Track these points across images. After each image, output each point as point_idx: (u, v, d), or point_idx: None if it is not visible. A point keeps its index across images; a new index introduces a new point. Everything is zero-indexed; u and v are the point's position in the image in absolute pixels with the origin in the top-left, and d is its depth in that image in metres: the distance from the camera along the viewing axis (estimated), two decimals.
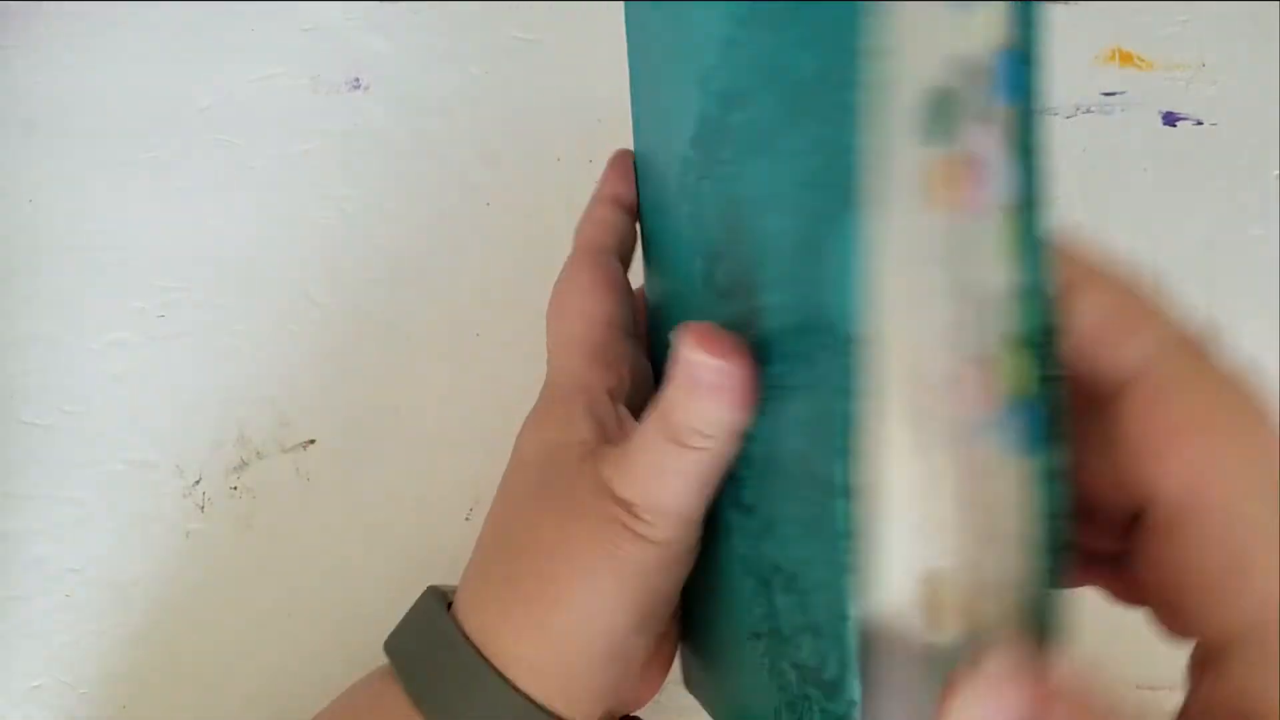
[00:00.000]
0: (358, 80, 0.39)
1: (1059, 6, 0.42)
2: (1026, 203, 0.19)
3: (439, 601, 0.27)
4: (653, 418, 0.23)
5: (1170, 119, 0.41)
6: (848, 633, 0.19)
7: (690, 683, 0.31)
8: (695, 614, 0.28)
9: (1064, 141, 0.40)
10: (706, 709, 0.29)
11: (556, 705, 0.25)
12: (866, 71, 0.18)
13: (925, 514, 0.19)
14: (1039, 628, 0.19)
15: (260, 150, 0.40)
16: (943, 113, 0.19)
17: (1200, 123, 0.41)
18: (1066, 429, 0.19)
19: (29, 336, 0.38)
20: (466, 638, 0.25)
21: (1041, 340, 0.19)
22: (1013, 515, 0.19)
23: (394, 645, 0.27)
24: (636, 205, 0.30)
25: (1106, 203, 0.39)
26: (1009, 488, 0.19)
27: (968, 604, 0.19)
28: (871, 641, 0.19)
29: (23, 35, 0.41)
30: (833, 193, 0.19)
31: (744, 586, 0.24)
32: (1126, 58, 0.41)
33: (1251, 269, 0.39)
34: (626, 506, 0.24)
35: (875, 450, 0.18)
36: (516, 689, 0.24)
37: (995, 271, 0.19)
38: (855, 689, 0.19)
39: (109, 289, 0.38)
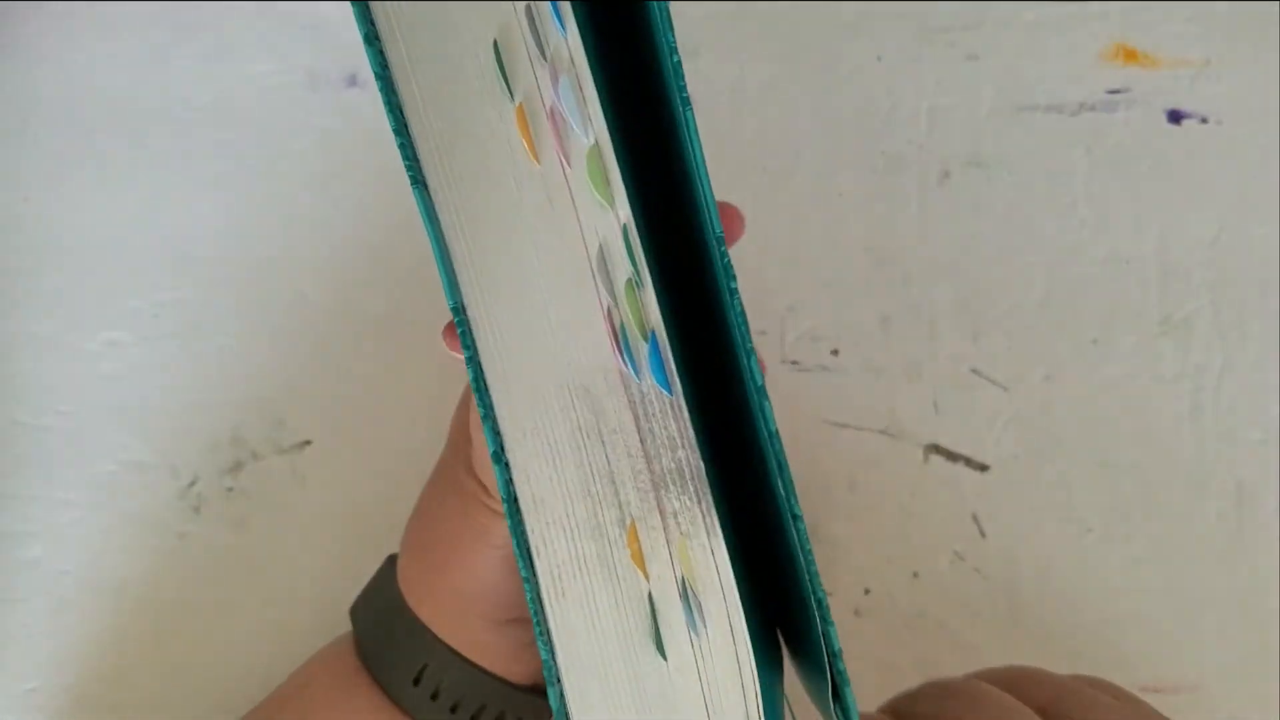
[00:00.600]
0: (354, 77, 0.39)
1: (1064, 5, 0.41)
2: (608, 139, 0.18)
3: (391, 566, 0.29)
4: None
5: (1174, 116, 0.40)
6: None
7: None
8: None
9: (1068, 139, 0.40)
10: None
11: (475, 657, 0.26)
12: (374, 58, 0.18)
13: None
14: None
15: (256, 148, 0.39)
16: (504, 64, 0.19)
17: (1205, 120, 0.40)
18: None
19: (23, 336, 0.37)
20: (403, 598, 0.27)
21: (641, 277, 0.19)
22: (673, 448, 0.19)
23: (353, 606, 0.30)
24: None
25: (1110, 201, 0.39)
26: (668, 423, 0.19)
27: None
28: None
29: (20, 34, 0.41)
30: (410, 177, 0.19)
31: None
32: (1131, 55, 0.41)
33: (1256, 267, 0.39)
34: (482, 487, 0.25)
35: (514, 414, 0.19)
36: (440, 640, 0.26)
37: (598, 214, 0.19)
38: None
39: (104, 288, 0.38)
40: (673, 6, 0.40)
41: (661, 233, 0.20)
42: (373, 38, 0.18)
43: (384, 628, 0.27)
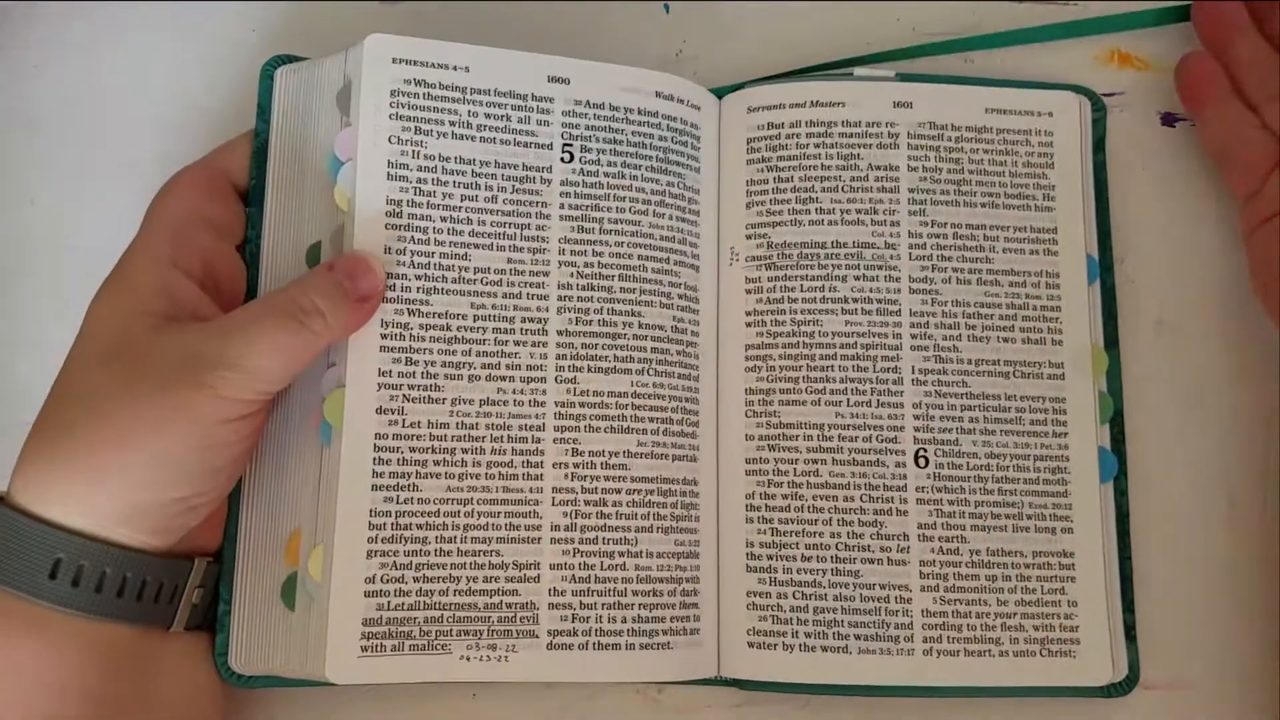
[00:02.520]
0: None
1: (1059, 7, 0.42)
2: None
3: None
4: (277, 299, 0.31)
5: (1169, 119, 0.41)
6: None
7: None
8: None
9: None
10: None
11: (114, 535, 0.29)
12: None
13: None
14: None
15: None
16: (315, 256, 0.34)
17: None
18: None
19: (30, 338, 0.38)
20: (19, 509, 0.28)
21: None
22: (333, 488, 0.32)
23: None
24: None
25: (1105, 203, 0.39)
26: (329, 472, 0.32)
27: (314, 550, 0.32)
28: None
29: (23, 35, 0.41)
30: None
31: None
32: (1125, 58, 0.41)
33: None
34: (209, 367, 0.29)
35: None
36: (73, 530, 0.28)
37: (337, 347, 0.33)
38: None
39: None
40: None
41: None
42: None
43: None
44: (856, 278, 0.36)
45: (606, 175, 0.35)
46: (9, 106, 0.40)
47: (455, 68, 0.35)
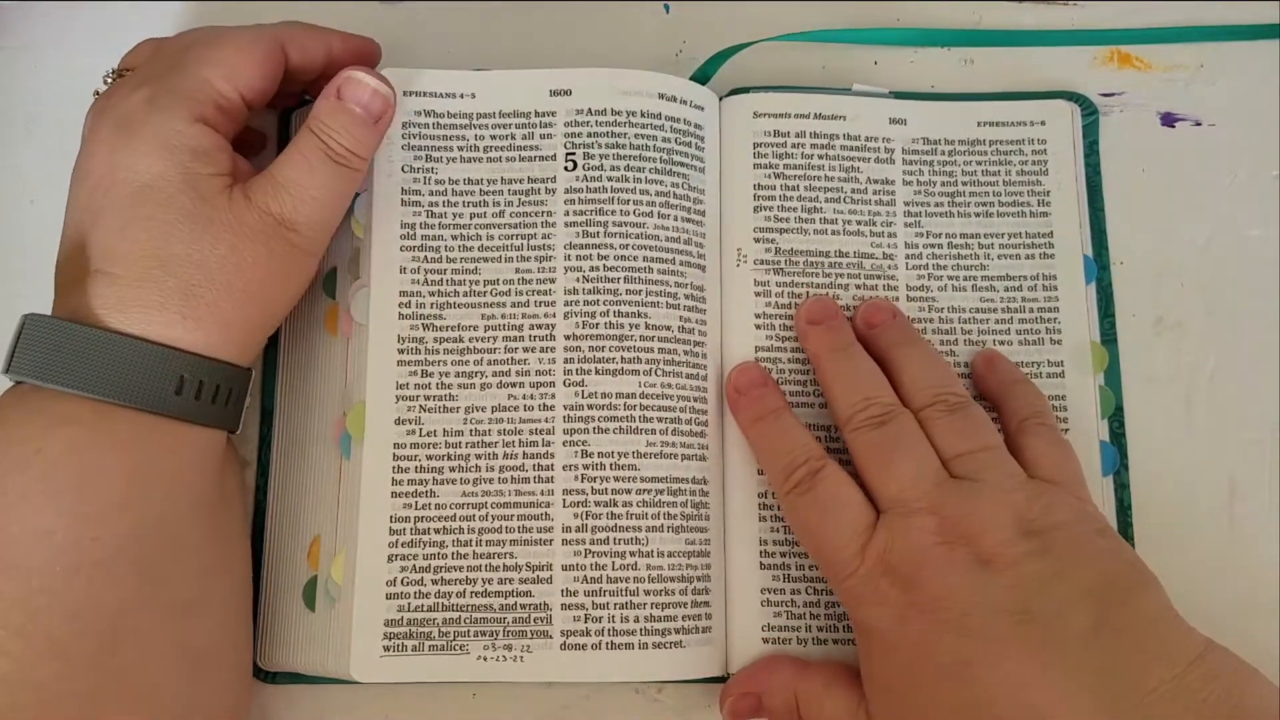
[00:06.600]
0: None
1: (1059, 7, 0.42)
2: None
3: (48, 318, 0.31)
4: (314, 152, 0.32)
5: (1169, 120, 0.41)
6: None
7: None
8: None
9: None
10: None
11: (217, 354, 0.31)
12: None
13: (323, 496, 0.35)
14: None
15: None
16: (331, 282, 0.36)
17: (1199, 123, 0.41)
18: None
19: None
20: (138, 339, 0.30)
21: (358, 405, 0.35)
22: (354, 496, 0.34)
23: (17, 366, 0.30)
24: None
25: (1105, 203, 0.39)
26: (350, 481, 0.34)
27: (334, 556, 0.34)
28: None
29: (23, 35, 0.41)
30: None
31: None
32: (1125, 59, 0.41)
33: (1251, 269, 0.39)
34: (288, 224, 0.32)
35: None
36: (185, 350, 0.31)
37: (357, 365, 0.35)
38: None
39: None
40: None
41: None
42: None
43: (129, 372, 0.30)
44: (858, 286, 0.37)
45: (610, 180, 0.36)
46: (9, 105, 0.40)
47: (462, 95, 0.36)
